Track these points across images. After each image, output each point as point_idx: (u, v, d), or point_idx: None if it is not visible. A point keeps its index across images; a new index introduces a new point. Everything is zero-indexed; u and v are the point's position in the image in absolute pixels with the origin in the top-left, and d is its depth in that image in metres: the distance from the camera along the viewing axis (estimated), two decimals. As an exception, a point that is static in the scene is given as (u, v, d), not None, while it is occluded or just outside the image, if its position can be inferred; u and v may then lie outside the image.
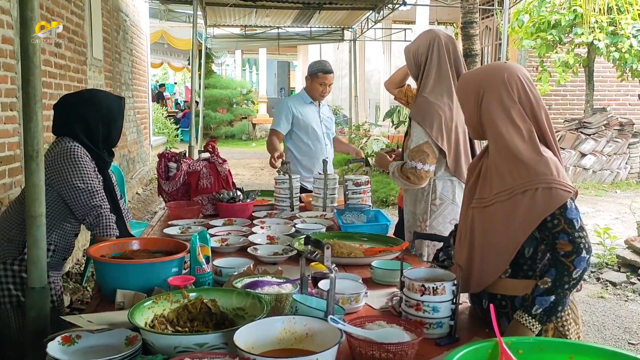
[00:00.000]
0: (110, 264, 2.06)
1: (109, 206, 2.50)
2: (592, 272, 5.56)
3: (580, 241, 1.70)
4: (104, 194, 2.50)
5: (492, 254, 1.81)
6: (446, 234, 2.70)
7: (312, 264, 2.22)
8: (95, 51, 6.49)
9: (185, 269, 2.15)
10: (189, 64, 17.73)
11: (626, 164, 10.39)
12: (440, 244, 2.14)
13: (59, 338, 1.56)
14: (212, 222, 3.10)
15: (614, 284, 5.27)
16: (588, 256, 1.71)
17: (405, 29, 13.77)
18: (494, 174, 1.83)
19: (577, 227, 1.71)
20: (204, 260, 2.07)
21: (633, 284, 5.24)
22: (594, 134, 10.22)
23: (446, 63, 2.71)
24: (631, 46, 9.28)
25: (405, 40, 13.43)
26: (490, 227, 1.81)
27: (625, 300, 4.94)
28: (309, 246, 1.79)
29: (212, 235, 2.71)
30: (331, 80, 4.06)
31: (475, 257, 1.85)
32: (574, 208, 1.74)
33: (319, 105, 4.18)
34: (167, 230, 2.90)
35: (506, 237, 1.78)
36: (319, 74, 4.05)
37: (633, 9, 9.49)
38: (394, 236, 2.92)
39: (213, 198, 3.42)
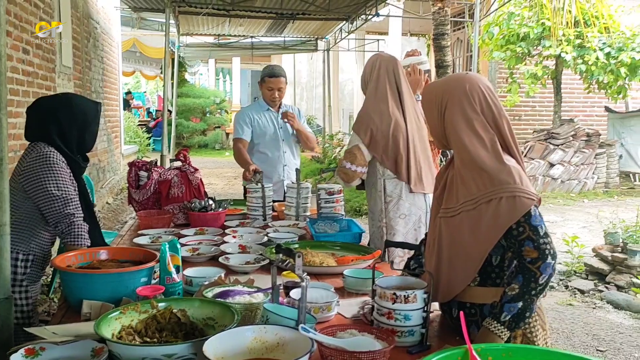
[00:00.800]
0: (76, 274, 2.01)
1: (82, 215, 2.46)
2: (560, 279, 5.65)
3: (545, 247, 1.73)
4: (78, 202, 2.46)
5: (460, 263, 1.82)
6: (398, 228, 2.96)
7: (284, 272, 2.21)
8: (65, 58, 6.39)
9: (154, 279, 2.11)
10: (161, 72, 17.60)
11: (593, 174, 10.61)
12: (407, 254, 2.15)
13: (22, 350, 1.51)
14: (184, 232, 3.06)
15: (582, 292, 5.36)
16: (553, 262, 1.73)
17: (378, 40, 13.89)
18: (460, 183, 1.85)
19: (541, 234, 1.74)
20: (174, 269, 2.03)
21: (601, 291, 5.33)
22: (562, 144, 10.44)
23: (385, 80, 3.04)
24: (597, 59, 9.50)
25: (378, 51, 13.55)
26: (457, 237, 1.83)
27: (594, 308, 5.03)
28: (281, 255, 1.77)
29: (183, 245, 2.69)
30: (279, 85, 4.01)
31: (443, 267, 1.86)
32: (537, 215, 1.76)
33: (279, 110, 4.12)
34: (137, 240, 2.86)
35: (473, 247, 1.79)
36: (265, 78, 4.03)
37: (599, 23, 9.75)
38: (366, 245, 2.93)
39: (184, 207, 3.38)
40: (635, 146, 11.15)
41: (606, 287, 5.37)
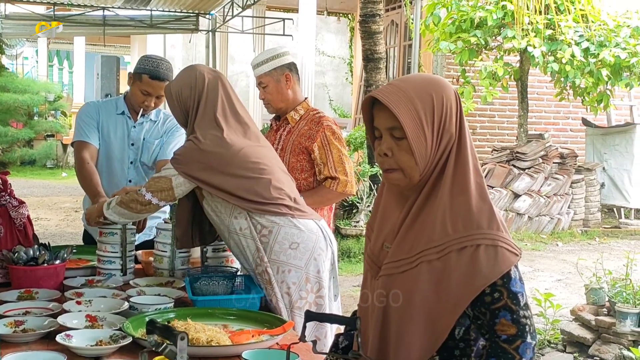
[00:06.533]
0: None
1: None
2: (531, 353, 5.85)
3: (525, 322, 1.79)
4: None
5: (416, 336, 1.83)
6: (292, 261, 3.01)
7: (156, 358, 2.14)
8: None
9: (-43, 373, 1.99)
10: (-34, 54, 16.90)
11: (568, 208, 11.11)
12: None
13: None
14: (2, 296, 2.94)
15: (558, 370, 5.57)
16: (534, 343, 1.79)
17: (284, 19, 14.07)
18: (419, 227, 1.87)
19: (522, 304, 1.80)
20: (-13, 358, 1.93)
21: (582, 368, 5.56)
22: (529, 168, 10.83)
23: (214, 99, 3.21)
24: (573, 56, 9.85)
25: (284, 35, 13.73)
26: (412, 299, 1.84)
27: (574, 391, 5.23)
28: (155, 336, 1.72)
29: (0, 317, 2.60)
30: (160, 92, 3.82)
31: (390, 343, 1.87)
32: (518, 279, 1.82)
33: (139, 118, 3.96)
34: None
35: (437, 311, 1.81)
36: (143, 76, 3.82)
37: (575, 9, 10.26)
38: (272, 313, 2.92)
39: (3, 259, 3.25)
40: (621, 172, 11.75)
41: (589, 363, 5.60)
